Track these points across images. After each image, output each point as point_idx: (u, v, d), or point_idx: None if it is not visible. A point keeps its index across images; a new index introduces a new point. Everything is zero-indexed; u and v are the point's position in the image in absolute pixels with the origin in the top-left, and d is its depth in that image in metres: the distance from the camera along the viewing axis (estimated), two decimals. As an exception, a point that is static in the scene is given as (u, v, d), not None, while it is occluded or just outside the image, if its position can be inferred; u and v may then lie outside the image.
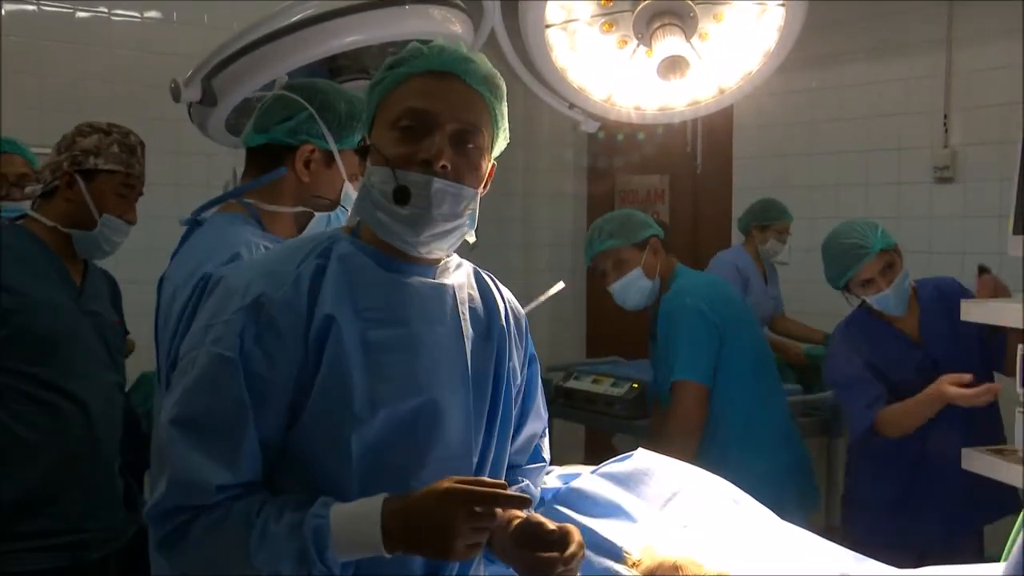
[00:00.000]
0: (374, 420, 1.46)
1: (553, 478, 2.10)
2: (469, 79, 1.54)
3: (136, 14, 5.15)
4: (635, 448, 2.14)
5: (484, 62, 1.57)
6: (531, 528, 1.55)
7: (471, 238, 1.61)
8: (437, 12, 2.53)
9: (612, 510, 1.93)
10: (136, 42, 5.13)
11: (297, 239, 1.62)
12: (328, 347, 1.45)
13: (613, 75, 2.55)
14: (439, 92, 1.52)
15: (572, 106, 2.67)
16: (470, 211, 1.56)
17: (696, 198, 6.24)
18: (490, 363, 1.64)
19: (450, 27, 2.54)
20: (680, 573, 1.72)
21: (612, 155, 6.51)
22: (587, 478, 2.00)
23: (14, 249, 2.59)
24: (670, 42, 2.30)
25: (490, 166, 1.61)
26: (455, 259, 1.68)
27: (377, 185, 1.51)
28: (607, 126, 2.89)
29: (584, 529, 1.84)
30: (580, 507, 1.91)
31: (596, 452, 4.71)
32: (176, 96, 2.55)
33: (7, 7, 4.75)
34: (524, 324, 1.79)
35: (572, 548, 1.51)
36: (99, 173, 2.65)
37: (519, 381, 1.73)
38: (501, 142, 1.62)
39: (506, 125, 1.62)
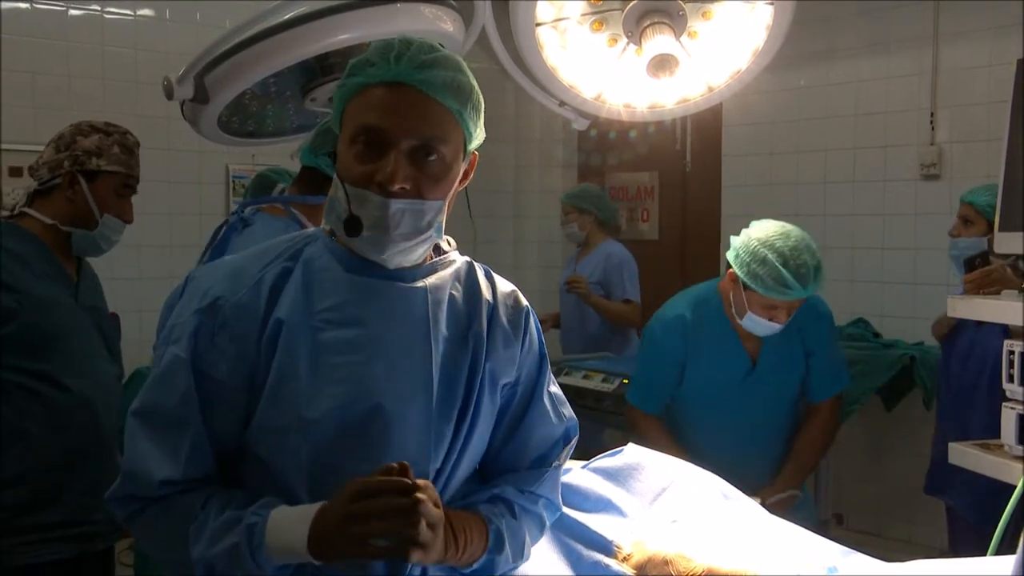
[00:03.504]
0: (323, 423, 1.45)
1: (544, 473, 2.11)
2: (427, 89, 1.46)
3: (129, 12, 5.15)
4: (625, 443, 2.16)
5: (446, 66, 1.48)
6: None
7: (443, 244, 1.60)
8: (428, 10, 2.54)
9: (603, 505, 1.93)
10: (129, 40, 5.14)
11: (276, 240, 1.60)
12: (278, 350, 1.45)
13: (603, 73, 2.56)
14: (393, 106, 1.45)
15: (563, 104, 2.68)
16: (435, 224, 1.51)
17: (685, 195, 6.27)
18: (464, 364, 1.57)
19: (441, 25, 2.55)
20: (670, 568, 1.73)
21: (602, 152, 6.53)
22: (578, 473, 2.00)
23: (12, 248, 2.61)
24: (660, 40, 2.31)
25: (470, 159, 1.57)
26: (450, 255, 1.64)
27: (340, 201, 1.48)
28: (598, 124, 2.90)
29: (575, 524, 1.85)
30: (571, 502, 1.92)
31: (586, 447, 4.73)
32: (169, 93, 2.56)
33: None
34: (524, 317, 1.69)
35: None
36: (100, 174, 2.68)
37: (510, 378, 1.66)
38: (477, 139, 1.56)
39: (480, 123, 1.54)
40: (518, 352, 1.67)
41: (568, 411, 1.77)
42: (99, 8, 5.07)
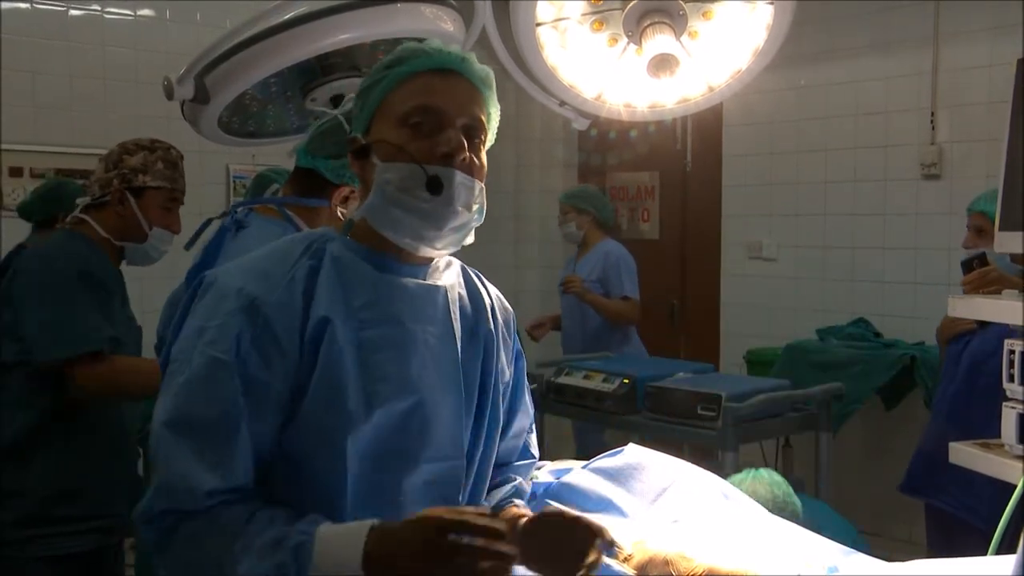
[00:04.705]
0: (368, 420, 1.46)
1: (545, 473, 2.11)
2: (471, 77, 1.56)
3: (129, 12, 5.16)
4: (626, 443, 2.16)
5: (479, 63, 1.59)
6: (550, 519, 1.55)
7: (471, 238, 1.62)
8: (428, 10, 2.54)
9: (603, 505, 1.93)
10: (129, 40, 5.15)
11: (288, 238, 1.62)
12: (323, 348, 1.45)
13: (603, 73, 2.55)
14: (447, 89, 1.54)
15: (563, 104, 2.68)
16: (478, 204, 1.57)
17: (686, 195, 6.27)
18: (477, 362, 1.64)
19: (441, 25, 2.55)
20: (671, 568, 1.74)
21: (603, 152, 6.55)
22: (578, 473, 2.01)
23: (80, 254, 2.77)
24: (660, 40, 2.31)
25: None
26: (445, 258, 1.68)
27: (395, 181, 1.51)
28: (598, 123, 2.90)
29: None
30: (571, 502, 1.92)
31: (587, 447, 4.73)
32: (169, 94, 2.56)
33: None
34: (512, 320, 1.79)
35: (608, 536, 1.52)
36: (147, 190, 2.84)
37: (507, 378, 1.74)
38: (490, 139, 1.64)
39: (497, 122, 1.64)
40: (512, 351, 1.78)
41: (531, 398, 1.90)
42: (99, 8, 5.08)
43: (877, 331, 5.04)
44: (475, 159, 1.55)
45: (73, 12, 5.00)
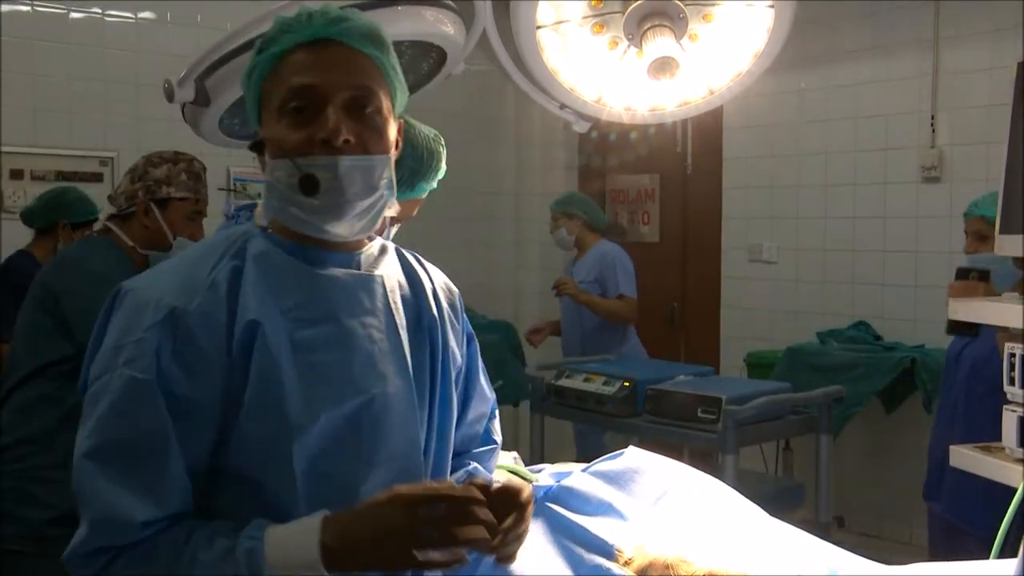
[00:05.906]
0: (314, 427, 1.36)
1: (545, 476, 2.11)
2: (349, 40, 1.41)
3: (130, 14, 5.17)
4: (626, 446, 2.16)
5: (360, 19, 1.44)
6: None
7: (392, 210, 1.50)
8: (429, 13, 2.54)
9: (603, 508, 1.93)
10: (130, 42, 5.15)
11: (208, 239, 1.51)
12: (255, 355, 1.34)
13: (604, 76, 2.55)
14: (320, 63, 1.39)
15: (563, 106, 2.68)
16: (385, 179, 1.44)
17: (686, 198, 6.27)
18: (425, 351, 1.55)
19: (442, 28, 2.55)
20: (671, 572, 1.73)
21: (603, 155, 6.55)
22: (578, 476, 2.00)
23: (111, 261, 2.85)
24: (660, 43, 2.31)
25: (397, 124, 1.50)
26: (377, 242, 1.58)
27: (282, 179, 1.40)
28: (598, 126, 2.90)
29: (576, 527, 1.85)
30: (571, 505, 1.92)
31: (587, 450, 4.73)
32: (170, 96, 2.56)
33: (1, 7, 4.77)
34: (459, 301, 1.70)
35: (525, 495, 1.40)
36: (171, 201, 2.93)
37: (459, 364, 1.66)
38: (401, 97, 1.50)
39: (401, 77, 1.49)
40: (461, 335, 1.69)
41: (489, 382, 1.80)
42: (100, 11, 5.09)
43: (877, 334, 5.04)
44: (368, 132, 1.41)
45: (74, 15, 5.01)
